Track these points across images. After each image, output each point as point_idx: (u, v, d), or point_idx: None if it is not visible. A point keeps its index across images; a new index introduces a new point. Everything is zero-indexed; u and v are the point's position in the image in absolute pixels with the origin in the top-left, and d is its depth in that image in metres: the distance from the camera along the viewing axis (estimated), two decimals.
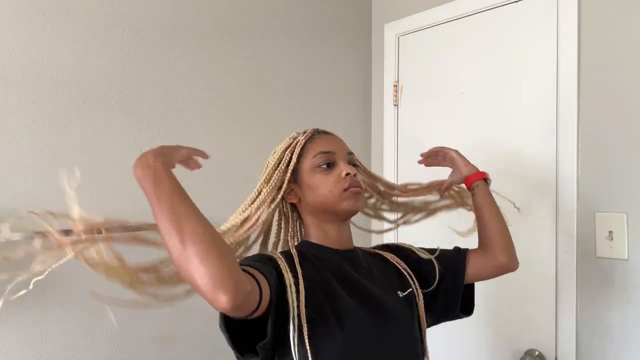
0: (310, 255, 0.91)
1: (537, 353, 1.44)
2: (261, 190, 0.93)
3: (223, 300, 0.61)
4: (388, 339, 0.87)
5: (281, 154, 0.95)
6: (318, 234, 0.95)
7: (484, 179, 1.15)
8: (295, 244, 0.97)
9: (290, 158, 0.94)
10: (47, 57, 1.18)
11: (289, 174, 0.94)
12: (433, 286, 1.01)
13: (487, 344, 1.58)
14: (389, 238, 1.89)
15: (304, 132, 0.98)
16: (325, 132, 1.00)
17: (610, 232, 1.31)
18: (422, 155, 1.25)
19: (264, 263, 0.82)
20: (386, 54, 1.93)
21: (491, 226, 1.10)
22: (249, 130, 1.58)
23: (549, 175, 1.44)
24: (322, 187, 0.91)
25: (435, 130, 1.77)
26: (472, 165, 1.18)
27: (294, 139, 0.97)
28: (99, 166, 1.26)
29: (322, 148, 0.94)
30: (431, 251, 1.08)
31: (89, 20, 1.24)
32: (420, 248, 1.09)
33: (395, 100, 1.89)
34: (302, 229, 0.99)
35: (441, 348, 1.65)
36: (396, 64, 1.90)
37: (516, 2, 1.54)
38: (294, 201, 0.96)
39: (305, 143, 0.95)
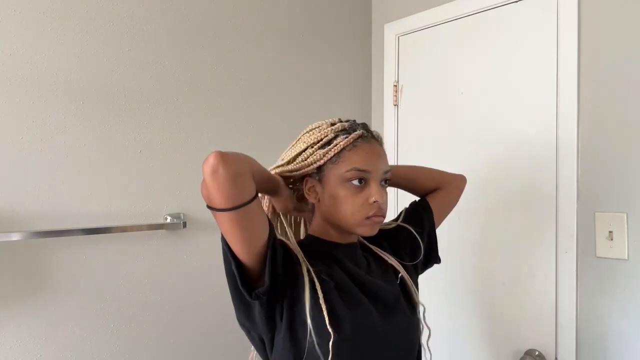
0: (313, 249, 0.91)
1: (537, 353, 1.44)
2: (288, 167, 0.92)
3: (215, 156, 0.67)
4: (392, 327, 0.88)
5: (315, 147, 0.89)
6: (325, 230, 0.93)
7: None
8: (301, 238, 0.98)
9: (320, 159, 0.88)
10: (47, 57, 1.18)
11: (307, 169, 0.89)
12: (423, 248, 1.03)
13: (487, 344, 1.58)
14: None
15: (347, 133, 0.88)
16: (371, 139, 0.91)
17: (610, 232, 1.31)
18: None
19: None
20: (386, 54, 1.94)
21: (426, 182, 1.11)
22: (249, 130, 1.58)
23: (549, 175, 1.44)
24: (345, 206, 0.86)
25: (435, 130, 1.77)
26: None
27: (335, 136, 0.88)
28: (99, 166, 1.26)
29: (360, 165, 0.86)
30: (397, 218, 1.09)
31: (89, 20, 1.24)
32: (390, 221, 1.09)
33: (395, 100, 1.89)
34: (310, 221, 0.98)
35: (441, 348, 1.65)
36: (396, 64, 1.90)
37: (516, 2, 1.54)
38: (313, 201, 0.92)
39: (343, 148, 0.87)
